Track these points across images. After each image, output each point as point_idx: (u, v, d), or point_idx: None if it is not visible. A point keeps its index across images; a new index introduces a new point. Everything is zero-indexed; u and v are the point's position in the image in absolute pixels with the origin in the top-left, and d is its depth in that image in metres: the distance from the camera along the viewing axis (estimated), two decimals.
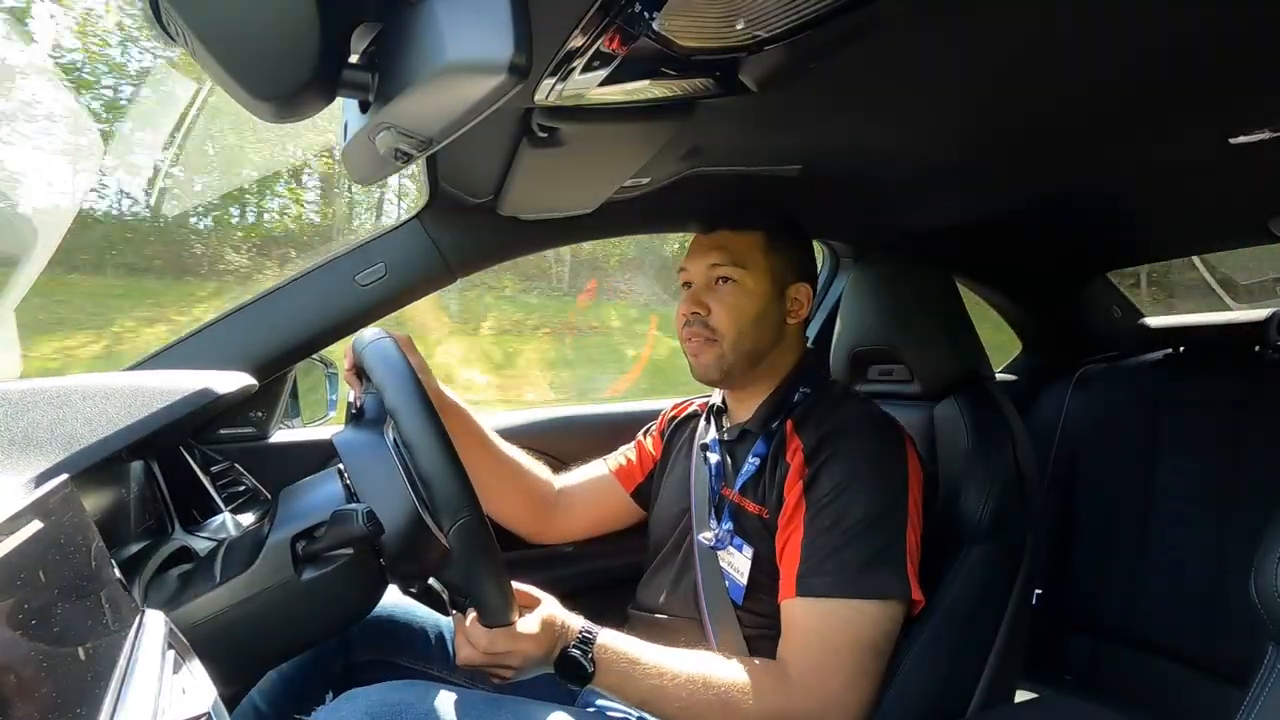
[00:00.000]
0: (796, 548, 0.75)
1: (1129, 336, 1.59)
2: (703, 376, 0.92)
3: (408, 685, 0.68)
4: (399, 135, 0.49)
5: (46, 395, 0.61)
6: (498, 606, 0.67)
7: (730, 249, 0.89)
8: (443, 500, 0.63)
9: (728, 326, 0.88)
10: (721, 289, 0.89)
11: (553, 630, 0.72)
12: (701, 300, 0.89)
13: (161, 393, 0.67)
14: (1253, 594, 0.51)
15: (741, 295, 0.88)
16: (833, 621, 0.72)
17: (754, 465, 0.86)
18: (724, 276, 0.88)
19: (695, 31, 0.58)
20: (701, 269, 0.90)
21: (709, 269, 0.89)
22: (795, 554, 0.75)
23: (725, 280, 0.88)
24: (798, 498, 0.78)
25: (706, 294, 0.89)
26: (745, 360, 0.89)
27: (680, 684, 0.70)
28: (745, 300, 0.88)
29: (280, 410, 1.23)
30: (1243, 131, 0.86)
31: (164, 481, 0.82)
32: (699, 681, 0.71)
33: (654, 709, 0.72)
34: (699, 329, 0.89)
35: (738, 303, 0.88)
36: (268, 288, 1.08)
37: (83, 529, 0.53)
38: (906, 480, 0.78)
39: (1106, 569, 1.36)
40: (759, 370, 0.91)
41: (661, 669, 0.71)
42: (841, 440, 0.79)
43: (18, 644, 0.37)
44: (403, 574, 0.68)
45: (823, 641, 0.72)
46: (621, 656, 0.72)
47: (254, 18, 0.40)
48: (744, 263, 0.88)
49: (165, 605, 0.60)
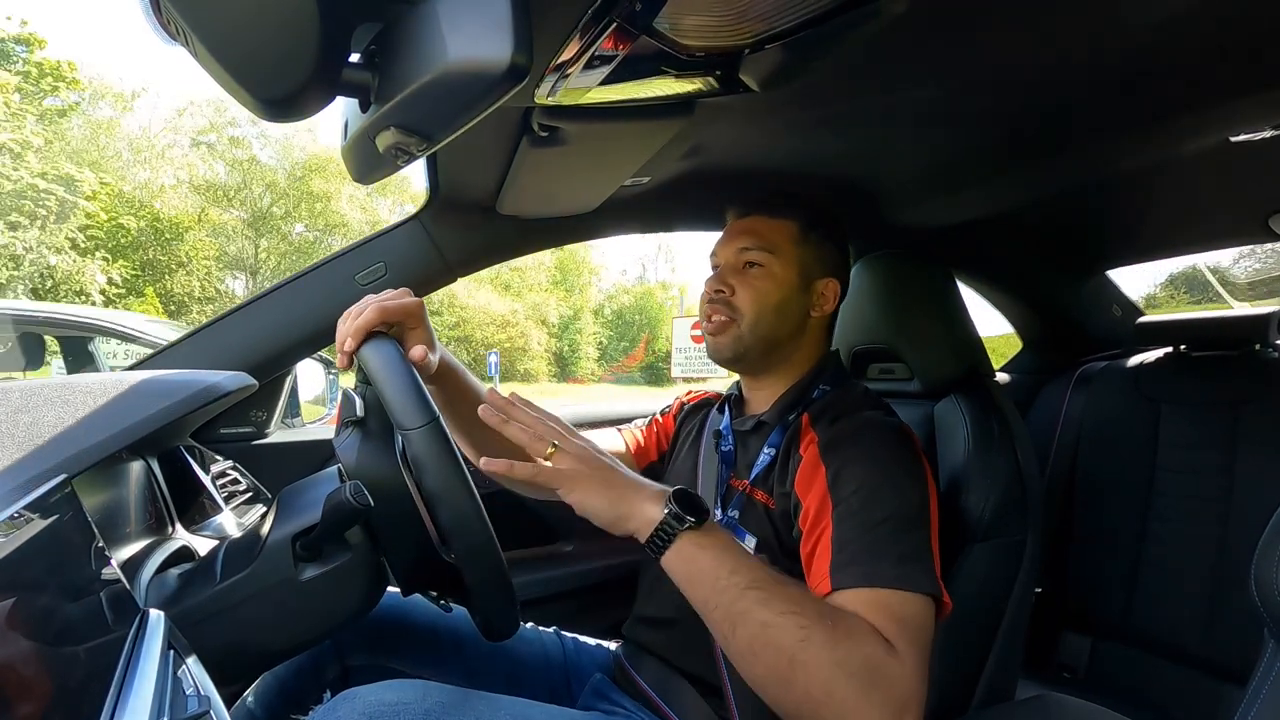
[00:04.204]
0: (827, 545, 0.71)
1: (1129, 335, 1.59)
2: (716, 355, 0.91)
3: (405, 685, 0.68)
4: (399, 134, 0.49)
5: (47, 395, 0.61)
6: (502, 627, 0.67)
7: (761, 234, 0.89)
8: (449, 522, 0.62)
9: (749, 308, 0.88)
10: (749, 272, 0.89)
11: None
12: (727, 280, 0.89)
13: (161, 393, 0.67)
14: (1252, 592, 0.51)
15: (767, 280, 0.88)
16: (877, 606, 0.65)
17: (768, 456, 0.85)
18: (752, 261, 0.89)
19: (695, 30, 0.58)
20: (731, 251, 0.90)
21: (739, 252, 0.90)
22: (826, 552, 0.70)
23: (753, 265, 0.89)
24: (821, 496, 0.75)
25: (733, 275, 0.90)
26: (761, 345, 0.89)
27: (785, 579, 0.63)
28: (770, 285, 0.88)
29: (280, 410, 1.23)
30: (1243, 130, 0.86)
31: (164, 481, 0.82)
32: (803, 588, 0.64)
33: (752, 592, 0.61)
34: (720, 307, 0.89)
35: (763, 286, 0.88)
36: (268, 288, 1.08)
37: (82, 529, 0.53)
38: (928, 487, 0.77)
39: (1106, 567, 1.36)
40: (774, 360, 0.91)
41: (759, 559, 0.66)
42: (865, 439, 0.77)
43: (18, 644, 0.37)
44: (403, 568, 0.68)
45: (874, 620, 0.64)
46: (725, 535, 0.66)
47: (254, 17, 0.40)
48: (773, 249, 0.88)
49: (165, 605, 0.60)
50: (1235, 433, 1.25)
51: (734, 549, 0.64)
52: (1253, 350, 1.30)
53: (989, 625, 0.93)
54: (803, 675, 0.58)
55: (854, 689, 0.57)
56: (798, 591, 0.63)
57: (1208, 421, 1.29)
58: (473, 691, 0.70)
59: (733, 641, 0.61)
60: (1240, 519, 1.21)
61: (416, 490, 0.66)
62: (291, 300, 1.07)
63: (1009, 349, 1.88)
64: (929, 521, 0.72)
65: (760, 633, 0.60)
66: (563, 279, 25.98)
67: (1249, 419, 1.24)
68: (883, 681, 0.58)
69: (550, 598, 1.35)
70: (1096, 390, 1.47)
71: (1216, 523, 1.24)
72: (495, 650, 0.91)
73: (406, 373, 0.64)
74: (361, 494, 0.60)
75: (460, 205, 1.08)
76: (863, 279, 1.10)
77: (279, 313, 1.07)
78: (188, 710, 0.43)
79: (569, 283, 26.21)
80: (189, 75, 12.65)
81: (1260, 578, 0.50)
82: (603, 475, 0.67)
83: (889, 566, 0.67)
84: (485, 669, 0.91)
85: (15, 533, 0.47)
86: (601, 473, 0.67)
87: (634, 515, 0.65)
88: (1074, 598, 1.41)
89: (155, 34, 0.43)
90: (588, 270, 27.34)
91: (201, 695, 0.45)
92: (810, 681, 0.58)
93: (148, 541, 0.71)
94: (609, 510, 0.65)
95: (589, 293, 27.20)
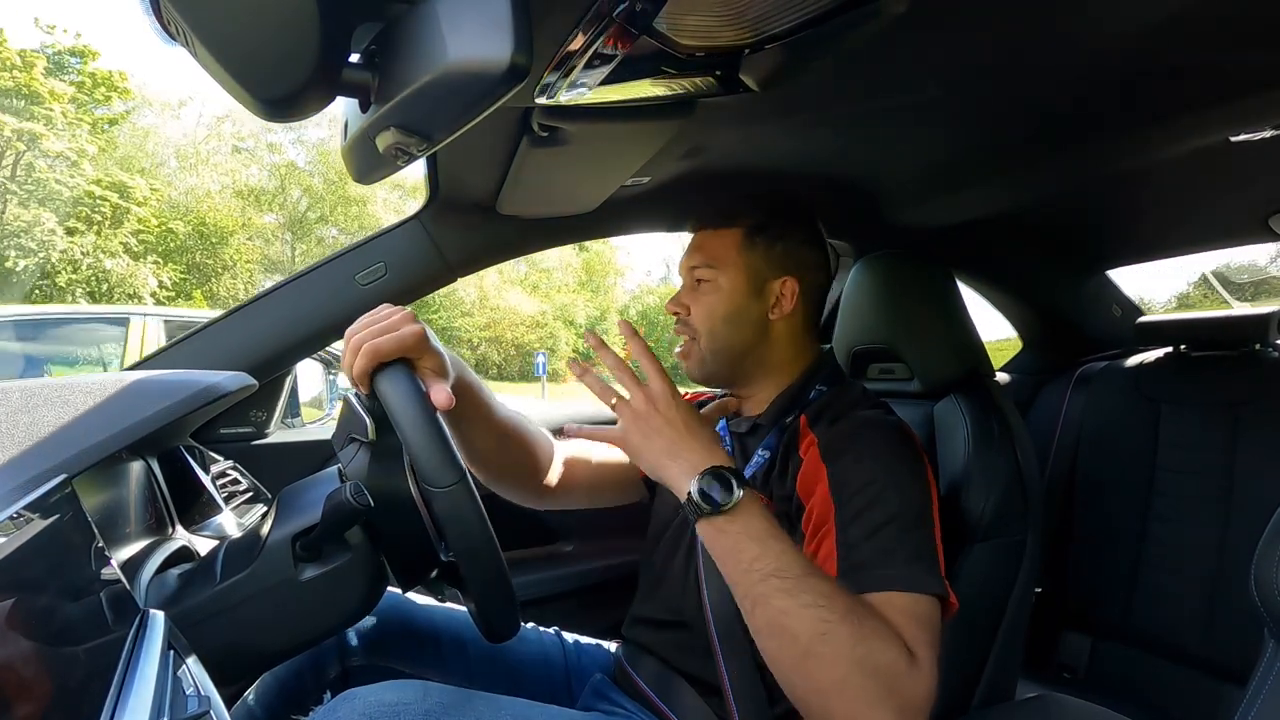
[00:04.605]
0: (832, 550, 0.71)
1: (1129, 335, 1.60)
2: (689, 377, 0.93)
3: (406, 685, 0.68)
4: (399, 135, 0.49)
5: (47, 395, 0.61)
6: (503, 628, 0.67)
7: (706, 249, 0.90)
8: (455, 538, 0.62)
9: (702, 324, 0.89)
10: (699, 289, 0.90)
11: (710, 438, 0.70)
12: (681, 300, 0.91)
13: (161, 393, 0.68)
14: (1252, 592, 0.51)
15: (714, 294, 0.88)
16: (892, 610, 0.65)
17: (763, 458, 0.85)
18: (701, 278, 0.90)
19: (695, 30, 0.58)
20: (684, 271, 0.92)
21: (689, 271, 0.91)
22: (831, 556, 0.70)
23: (701, 281, 0.90)
24: (824, 499, 0.74)
25: (686, 295, 0.91)
26: (722, 358, 0.89)
27: (818, 572, 0.62)
28: (717, 299, 0.88)
29: (280, 410, 1.23)
30: (1243, 130, 0.86)
31: (164, 481, 0.82)
32: (835, 584, 0.63)
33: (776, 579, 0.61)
34: (681, 328, 0.91)
35: (709, 301, 0.89)
36: (268, 288, 1.08)
37: (82, 529, 0.53)
38: (929, 486, 0.76)
39: (1106, 567, 1.36)
40: (746, 369, 0.90)
41: (796, 551, 0.64)
42: (865, 439, 0.77)
43: (18, 644, 0.37)
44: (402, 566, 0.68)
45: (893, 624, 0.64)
46: (766, 505, 0.67)
47: (254, 17, 0.40)
48: (717, 262, 0.89)
49: (165, 605, 0.60)
50: (1235, 433, 1.25)
51: (759, 536, 0.64)
52: (1253, 350, 1.30)
53: (989, 625, 0.93)
54: (815, 667, 0.58)
55: (869, 690, 0.57)
56: (828, 586, 0.62)
57: (1208, 421, 1.29)
58: (473, 692, 0.70)
59: (751, 619, 0.63)
60: (1240, 519, 1.21)
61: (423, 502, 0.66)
62: (292, 300, 1.07)
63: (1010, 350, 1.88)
64: (932, 520, 0.72)
65: (777, 618, 0.61)
66: (589, 279, 26.04)
67: (1249, 419, 1.24)
68: (900, 688, 0.59)
69: (550, 598, 1.35)
70: (1096, 390, 1.47)
71: (1216, 523, 1.24)
72: (496, 651, 0.91)
73: (430, 422, 0.62)
74: (361, 494, 0.60)
75: (460, 205, 1.08)
76: (863, 279, 1.10)
77: (279, 313, 1.07)
78: (188, 710, 0.43)
79: (594, 283, 26.26)
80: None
81: (1260, 578, 0.50)
82: (655, 430, 0.70)
83: (897, 569, 0.67)
84: (486, 669, 0.91)
85: (15, 533, 0.47)
86: (654, 428, 0.70)
87: (669, 480, 0.69)
88: (1074, 598, 1.41)
89: (155, 34, 0.43)
90: (613, 271, 27.38)
91: (201, 695, 0.45)
92: (823, 675, 0.58)
93: (148, 541, 0.71)
94: (651, 469, 0.70)
95: (614, 293, 27.28)
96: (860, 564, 0.68)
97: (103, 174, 14.40)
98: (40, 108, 13.22)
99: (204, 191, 17.81)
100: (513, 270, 22.03)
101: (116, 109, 16.22)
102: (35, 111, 13.17)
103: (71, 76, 14.79)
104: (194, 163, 18.31)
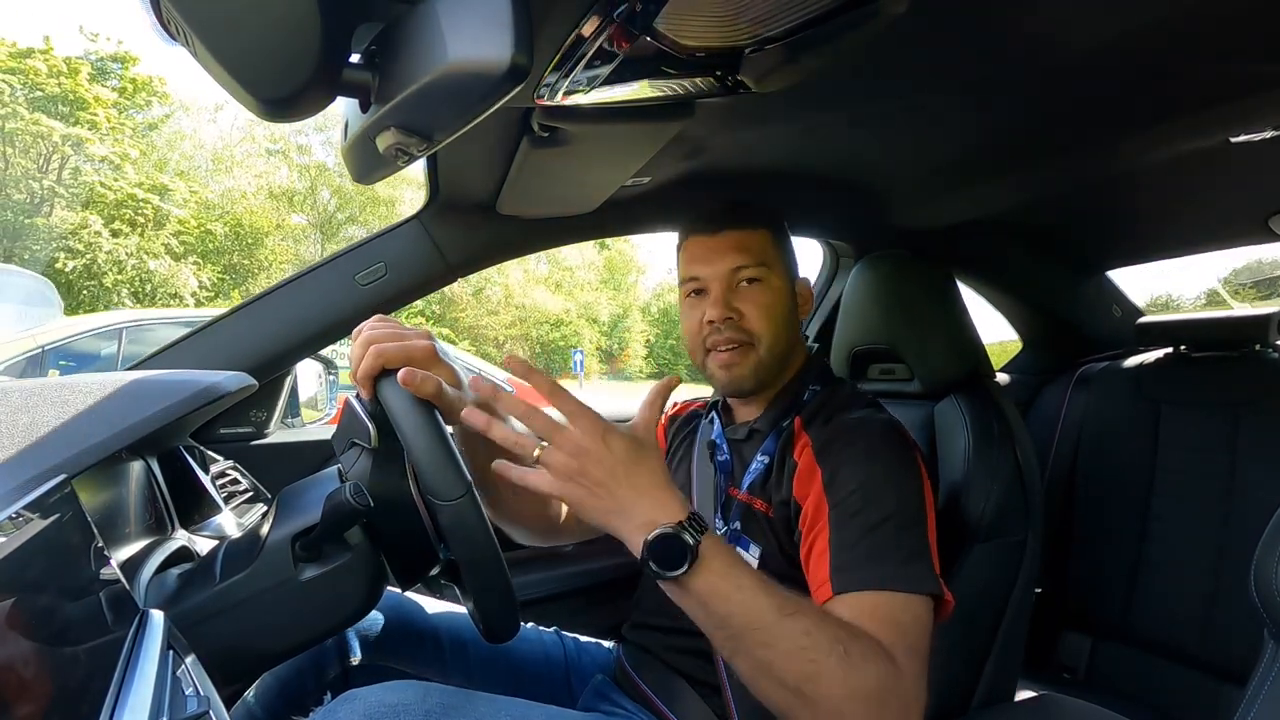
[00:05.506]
0: (825, 548, 0.70)
1: (1129, 335, 1.60)
2: (735, 388, 0.86)
3: (406, 686, 0.68)
4: (399, 135, 0.49)
5: (47, 394, 0.61)
6: (503, 629, 0.67)
7: (751, 249, 0.85)
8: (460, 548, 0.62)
9: (764, 328, 0.84)
10: (747, 290, 0.85)
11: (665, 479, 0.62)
12: (730, 304, 0.84)
13: (161, 393, 0.67)
14: (1252, 592, 0.51)
15: (771, 294, 0.85)
16: (880, 612, 0.65)
17: (762, 464, 0.84)
18: (752, 277, 0.85)
19: (695, 30, 0.58)
20: (722, 272, 0.85)
21: (733, 272, 0.85)
22: (824, 555, 0.70)
23: (753, 281, 0.85)
24: (818, 498, 0.74)
25: (732, 296, 0.85)
26: (778, 363, 0.86)
27: (793, 610, 0.59)
28: (774, 299, 0.85)
29: (280, 410, 1.23)
30: (1243, 130, 0.86)
31: (164, 481, 0.82)
32: (813, 618, 0.60)
33: (749, 633, 0.58)
34: (733, 334, 0.84)
35: (769, 301, 0.84)
36: (268, 288, 1.08)
37: (82, 529, 0.53)
38: (923, 483, 0.76)
39: (1106, 568, 1.36)
40: (782, 373, 0.89)
41: (769, 586, 0.60)
42: (859, 439, 0.77)
43: (18, 644, 0.37)
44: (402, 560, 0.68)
45: (877, 629, 0.63)
46: (729, 551, 0.61)
47: (254, 17, 0.40)
48: (766, 261, 0.85)
49: (165, 605, 0.60)
50: (1235, 433, 1.25)
51: (724, 592, 0.59)
52: (1253, 351, 1.30)
53: (989, 625, 0.93)
54: (808, 706, 0.58)
55: (863, 713, 0.58)
56: (808, 621, 0.59)
57: (1208, 422, 1.29)
58: (474, 692, 0.70)
59: (735, 668, 0.61)
60: (1240, 519, 1.21)
61: (424, 507, 0.66)
62: (292, 301, 1.07)
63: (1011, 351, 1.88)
64: (926, 517, 0.72)
65: (761, 669, 0.59)
66: (610, 277, 26.05)
67: (1249, 419, 1.24)
68: (891, 699, 0.59)
69: (550, 598, 1.34)
70: (1097, 391, 1.47)
71: (1216, 523, 1.24)
72: (496, 651, 0.91)
73: (435, 432, 0.62)
74: (361, 494, 0.60)
75: (460, 205, 1.08)
76: (863, 279, 1.10)
77: (279, 313, 1.07)
78: (187, 710, 0.42)
79: (616, 281, 26.25)
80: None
81: (1260, 578, 0.50)
82: (592, 486, 0.60)
83: (891, 569, 0.67)
84: (486, 669, 0.91)
85: (15, 533, 0.47)
86: (594, 481, 0.60)
87: (620, 538, 0.61)
88: (1074, 598, 1.41)
89: (156, 34, 0.43)
90: (635, 269, 27.37)
91: (201, 695, 0.45)
92: (817, 711, 0.58)
93: (147, 541, 0.71)
94: (599, 526, 0.62)
95: (636, 291, 27.31)
96: (852, 563, 0.68)
97: (144, 177, 14.64)
98: (85, 113, 13.44)
99: (239, 193, 18.05)
100: (536, 268, 22.04)
101: (156, 113, 16.56)
102: (81, 117, 13.39)
103: (113, 82, 15.02)
104: (229, 165, 18.58)
